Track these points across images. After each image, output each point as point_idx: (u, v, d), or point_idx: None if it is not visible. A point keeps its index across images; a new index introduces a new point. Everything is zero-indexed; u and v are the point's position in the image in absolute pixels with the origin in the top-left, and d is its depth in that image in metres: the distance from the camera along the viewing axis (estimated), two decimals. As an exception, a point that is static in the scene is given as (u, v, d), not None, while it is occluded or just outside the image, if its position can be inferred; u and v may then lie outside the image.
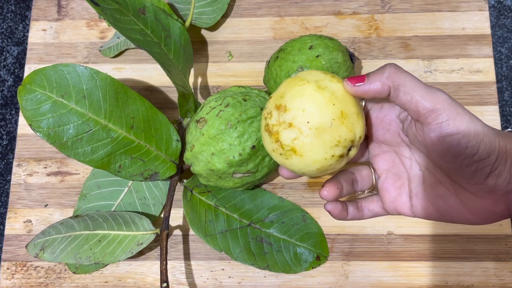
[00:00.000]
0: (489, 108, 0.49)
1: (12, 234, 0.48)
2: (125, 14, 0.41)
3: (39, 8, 0.55)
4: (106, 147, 0.42)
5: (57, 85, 0.41)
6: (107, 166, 0.42)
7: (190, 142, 0.43)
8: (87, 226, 0.44)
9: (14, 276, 0.47)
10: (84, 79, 0.41)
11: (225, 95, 0.43)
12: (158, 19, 0.43)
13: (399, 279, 0.46)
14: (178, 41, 0.44)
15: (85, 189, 0.48)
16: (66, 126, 0.41)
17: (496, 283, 0.45)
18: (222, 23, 0.53)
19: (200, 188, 0.46)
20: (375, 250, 0.46)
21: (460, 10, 0.51)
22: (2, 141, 0.52)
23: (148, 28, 0.42)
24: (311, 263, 0.45)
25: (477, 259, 0.46)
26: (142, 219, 0.45)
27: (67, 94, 0.41)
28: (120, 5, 0.41)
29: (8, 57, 0.55)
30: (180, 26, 0.45)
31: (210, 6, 0.50)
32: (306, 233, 0.46)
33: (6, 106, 0.53)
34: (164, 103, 0.51)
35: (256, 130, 0.41)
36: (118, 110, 0.42)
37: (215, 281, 0.46)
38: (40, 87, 0.41)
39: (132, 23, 0.41)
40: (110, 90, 0.42)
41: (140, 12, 0.42)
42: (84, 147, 0.41)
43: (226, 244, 0.45)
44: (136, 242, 0.44)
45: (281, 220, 0.46)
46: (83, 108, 0.41)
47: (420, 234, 0.47)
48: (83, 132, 0.41)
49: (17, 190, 0.50)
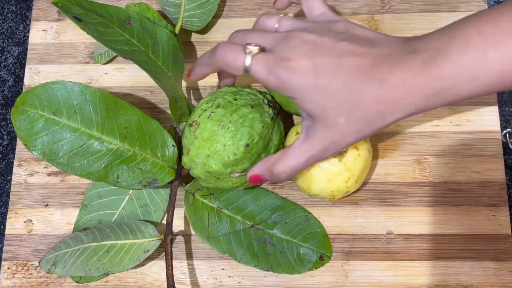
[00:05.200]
0: (489, 108, 0.49)
1: (13, 234, 0.49)
2: (109, 26, 0.41)
3: (40, 8, 0.55)
4: (102, 159, 0.42)
5: (48, 103, 0.42)
6: (105, 178, 0.43)
7: (186, 146, 0.43)
8: (95, 238, 0.44)
9: (14, 276, 0.47)
10: (74, 95, 0.42)
11: (216, 96, 0.43)
12: (144, 27, 0.44)
13: (398, 279, 0.46)
14: (167, 47, 0.44)
15: (86, 200, 0.48)
16: (60, 142, 0.42)
17: (496, 283, 0.45)
18: (222, 23, 0.53)
19: (202, 191, 0.46)
20: (375, 250, 0.46)
21: (460, 11, 0.51)
22: (3, 141, 0.52)
23: (134, 37, 0.42)
24: (315, 263, 0.45)
25: (477, 259, 0.46)
26: (148, 226, 0.45)
27: (59, 111, 0.42)
28: (105, 18, 0.41)
29: (9, 57, 0.55)
30: (167, 33, 0.45)
31: (200, 8, 0.50)
32: (309, 233, 0.46)
33: (7, 106, 0.53)
34: (165, 103, 0.51)
35: (249, 128, 0.41)
36: (110, 122, 0.43)
37: (215, 280, 0.46)
38: (31, 106, 0.42)
39: (117, 35, 0.41)
40: (101, 103, 0.42)
41: (125, 23, 0.42)
42: (80, 161, 0.42)
43: (230, 247, 0.45)
44: (143, 250, 0.44)
45: (284, 220, 0.46)
46: (75, 123, 0.42)
47: (420, 234, 0.47)
48: (77, 146, 0.42)
49: (18, 190, 0.50)
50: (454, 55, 0.33)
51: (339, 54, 0.36)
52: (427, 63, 0.34)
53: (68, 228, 0.49)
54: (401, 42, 0.36)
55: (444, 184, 0.48)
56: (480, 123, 0.49)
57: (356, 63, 0.35)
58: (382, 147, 0.49)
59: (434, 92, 0.34)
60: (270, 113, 0.43)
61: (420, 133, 0.49)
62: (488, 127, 0.49)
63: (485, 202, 0.47)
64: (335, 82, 0.35)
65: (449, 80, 0.34)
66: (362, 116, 0.36)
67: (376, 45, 0.36)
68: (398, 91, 0.34)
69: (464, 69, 0.33)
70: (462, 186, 0.48)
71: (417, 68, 0.34)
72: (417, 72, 0.34)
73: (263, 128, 0.42)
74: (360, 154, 0.43)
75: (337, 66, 0.35)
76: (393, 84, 0.34)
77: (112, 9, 0.42)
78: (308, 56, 0.36)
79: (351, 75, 0.35)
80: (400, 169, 0.48)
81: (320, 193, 0.44)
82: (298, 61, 0.36)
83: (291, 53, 0.36)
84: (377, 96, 0.35)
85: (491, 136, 0.49)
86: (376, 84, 0.34)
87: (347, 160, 0.42)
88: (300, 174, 0.43)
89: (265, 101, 0.43)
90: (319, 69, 0.35)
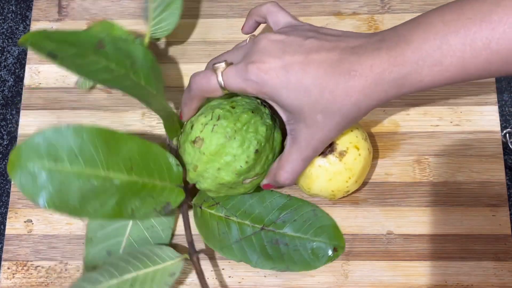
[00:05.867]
0: (489, 108, 0.49)
1: (13, 234, 0.49)
2: (85, 56, 0.39)
3: (40, 8, 0.55)
4: (113, 197, 0.40)
5: (46, 152, 0.39)
6: (119, 214, 0.41)
7: (191, 163, 0.43)
8: (112, 275, 0.42)
9: (14, 276, 0.47)
10: (70, 138, 0.39)
11: (212, 107, 0.43)
12: (118, 47, 0.42)
13: (398, 279, 0.46)
14: (145, 64, 0.43)
15: (90, 232, 0.46)
16: (68, 190, 0.39)
17: (496, 283, 0.45)
18: (222, 24, 0.53)
19: (208, 202, 0.46)
20: (375, 250, 0.46)
21: (460, 11, 0.51)
22: (3, 141, 0.52)
23: (112, 61, 0.40)
24: (330, 256, 0.45)
25: (477, 259, 0.46)
26: (163, 249, 0.44)
27: (59, 158, 0.39)
28: (77, 47, 0.39)
29: (9, 57, 0.55)
30: (142, 49, 0.43)
31: (166, 10, 0.49)
32: (319, 227, 0.45)
33: (7, 106, 0.53)
34: (164, 103, 0.51)
35: (254, 133, 0.41)
36: (113, 157, 0.40)
37: (215, 280, 0.46)
38: (29, 159, 0.38)
39: (95, 64, 0.39)
40: (99, 141, 0.40)
41: (98, 47, 0.40)
42: (92, 204, 0.40)
43: (243, 253, 0.45)
44: (168, 274, 0.43)
45: (292, 218, 0.46)
46: (79, 166, 0.39)
47: (420, 234, 0.47)
48: (87, 190, 0.40)
49: (18, 190, 0.50)
50: (416, 41, 0.35)
51: (308, 50, 0.36)
52: (391, 49, 0.35)
53: (67, 228, 0.48)
54: (368, 35, 0.37)
55: (444, 184, 0.48)
56: (480, 123, 0.49)
57: (324, 57, 0.36)
58: (382, 147, 0.49)
59: (399, 77, 0.35)
60: (268, 113, 0.43)
61: (420, 133, 0.49)
62: (488, 127, 0.49)
63: (485, 202, 0.47)
64: (306, 78, 0.36)
65: (412, 65, 0.35)
66: (337, 110, 0.36)
67: (343, 39, 0.37)
68: (366, 80, 0.35)
69: (425, 54, 0.34)
70: (462, 186, 0.48)
71: (383, 55, 0.35)
72: (383, 59, 0.35)
73: (267, 130, 0.42)
74: (360, 154, 0.43)
75: (306, 62, 0.36)
76: (360, 73, 0.35)
77: (81, 35, 0.40)
78: (277, 56, 0.37)
79: (320, 70, 0.36)
80: (400, 169, 0.48)
81: (320, 192, 0.44)
82: (268, 62, 0.37)
83: (260, 56, 0.37)
84: (346, 87, 0.35)
85: (491, 136, 0.49)
86: (345, 76, 0.35)
87: (347, 160, 0.42)
88: (300, 174, 0.43)
89: (259, 101, 0.43)
90: (289, 67, 0.36)
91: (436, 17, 0.35)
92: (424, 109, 0.50)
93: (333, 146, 0.43)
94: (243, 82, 0.38)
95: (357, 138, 0.43)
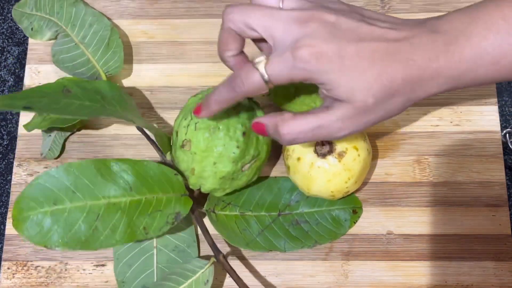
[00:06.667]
0: (489, 108, 0.49)
1: (13, 234, 0.49)
2: (57, 102, 0.40)
3: (40, 8, 0.55)
4: (122, 220, 0.41)
5: (44, 198, 0.40)
6: (133, 236, 0.42)
7: (187, 169, 0.43)
8: None
9: (14, 276, 0.47)
10: (63, 178, 0.41)
11: (189, 109, 0.43)
12: (84, 88, 0.43)
13: (398, 279, 0.46)
14: (115, 94, 0.45)
15: (119, 276, 0.46)
16: (75, 226, 0.41)
17: (496, 283, 0.45)
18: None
19: (220, 205, 0.46)
20: (375, 250, 0.46)
21: (460, 11, 0.51)
22: (3, 141, 0.52)
23: (84, 100, 0.42)
24: (351, 219, 0.46)
25: (477, 259, 0.46)
26: (191, 262, 0.44)
27: (58, 199, 0.41)
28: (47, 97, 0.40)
29: (9, 57, 0.55)
30: (106, 82, 0.45)
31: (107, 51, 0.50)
32: None
33: (7, 106, 0.53)
34: (165, 103, 0.51)
35: (237, 118, 0.41)
36: (109, 182, 0.42)
37: (215, 280, 0.46)
38: (30, 210, 0.40)
39: (70, 105, 0.41)
40: (90, 172, 0.42)
41: (65, 93, 0.42)
42: (104, 232, 0.41)
43: (269, 242, 0.45)
44: (202, 283, 0.43)
45: (304, 196, 0.46)
46: (79, 201, 0.41)
47: (420, 234, 0.47)
48: (93, 221, 0.41)
49: (18, 190, 0.50)
50: (476, 38, 0.34)
51: (360, 36, 0.35)
52: (448, 44, 0.34)
53: (68, 228, 0.48)
54: (417, 23, 0.36)
55: (444, 184, 0.48)
56: (480, 123, 0.49)
57: (379, 44, 0.35)
58: (382, 147, 0.49)
59: (457, 74, 0.34)
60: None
61: (420, 133, 0.49)
62: (488, 127, 0.49)
63: (485, 202, 0.47)
64: (361, 63, 0.34)
65: (470, 63, 0.34)
66: (390, 96, 0.35)
67: (393, 26, 0.36)
68: (424, 72, 0.34)
69: (485, 53, 0.34)
70: (462, 186, 0.48)
71: (439, 49, 0.34)
72: (440, 54, 0.34)
73: (247, 112, 0.42)
74: (359, 154, 0.43)
75: (361, 48, 0.35)
76: (419, 64, 0.34)
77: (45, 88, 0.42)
78: (329, 40, 0.34)
79: (376, 56, 0.34)
80: (400, 169, 0.48)
81: (319, 193, 0.44)
82: (320, 46, 0.34)
83: (310, 40, 0.35)
84: (404, 75, 0.34)
85: (491, 136, 0.49)
86: (402, 63, 0.34)
87: (346, 160, 0.43)
88: (299, 174, 0.43)
89: None
90: (343, 52, 0.34)
91: (496, 12, 0.34)
92: (424, 109, 0.50)
93: (332, 146, 0.43)
94: (291, 71, 0.35)
95: (356, 139, 0.43)
